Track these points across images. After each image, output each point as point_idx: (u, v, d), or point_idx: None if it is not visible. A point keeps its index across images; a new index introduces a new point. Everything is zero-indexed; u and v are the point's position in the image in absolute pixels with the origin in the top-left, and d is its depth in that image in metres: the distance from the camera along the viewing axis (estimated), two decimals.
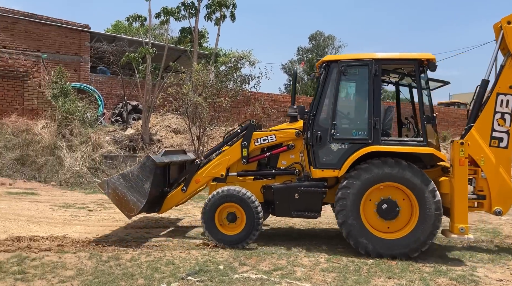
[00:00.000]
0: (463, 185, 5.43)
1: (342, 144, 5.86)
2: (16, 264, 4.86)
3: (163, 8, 13.98)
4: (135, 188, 6.20)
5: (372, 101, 5.77)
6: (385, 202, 5.59)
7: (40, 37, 16.90)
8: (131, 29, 29.40)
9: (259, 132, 6.58)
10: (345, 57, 6.10)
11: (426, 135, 5.67)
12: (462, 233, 5.37)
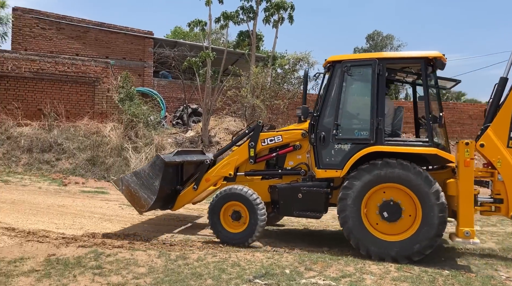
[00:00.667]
0: (468, 187, 5.23)
1: (345, 144, 5.86)
2: (93, 259, 5.13)
3: (223, 12, 14.26)
4: (146, 185, 6.49)
5: (376, 101, 5.70)
6: (387, 204, 5.50)
7: (108, 44, 17.95)
8: (190, 35, 30.40)
9: (266, 133, 6.70)
10: (349, 57, 6.07)
11: (432, 135, 5.52)
12: (467, 237, 5.16)
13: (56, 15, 17.36)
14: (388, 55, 6.03)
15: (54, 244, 5.67)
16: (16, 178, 10.96)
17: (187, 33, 31.13)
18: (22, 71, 13.48)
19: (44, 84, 13.77)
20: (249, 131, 6.83)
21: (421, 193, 5.32)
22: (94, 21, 17.84)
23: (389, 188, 5.51)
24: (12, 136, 12.65)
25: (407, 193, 5.43)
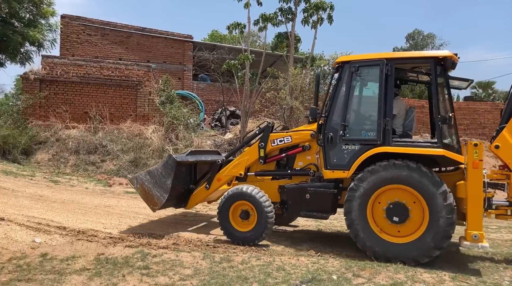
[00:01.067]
0: (477, 189, 5.09)
1: (353, 145, 5.85)
2: (140, 259, 5.22)
3: (262, 14, 14.27)
4: (159, 184, 6.70)
5: (383, 101, 5.66)
6: (394, 205, 5.43)
7: (149, 48, 18.42)
8: (226, 38, 30.72)
9: (275, 133, 6.78)
10: (358, 57, 6.02)
11: (441, 136, 5.43)
12: (476, 240, 5.02)
13: (101, 22, 18.02)
14: (396, 55, 6.03)
15: (103, 243, 5.83)
16: (65, 178, 11.42)
17: (224, 37, 31.52)
18: (70, 76, 14.07)
19: (90, 88, 14.30)
20: (259, 132, 6.88)
21: (427, 194, 5.23)
22: (136, 27, 18.38)
23: (396, 190, 5.44)
24: (60, 138, 13.21)
25: (414, 195, 5.34)
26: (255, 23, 14.44)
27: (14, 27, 14.31)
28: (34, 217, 6.88)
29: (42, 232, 6.10)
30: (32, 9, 14.83)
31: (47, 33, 15.32)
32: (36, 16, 15.03)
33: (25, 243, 5.57)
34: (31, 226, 6.29)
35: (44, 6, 14.99)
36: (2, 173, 10.91)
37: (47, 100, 13.85)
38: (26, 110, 13.52)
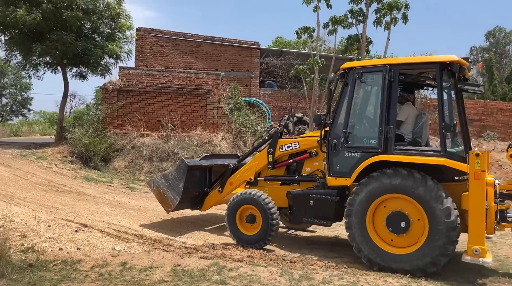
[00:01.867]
0: (479, 201, 4.88)
1: (355, 152, 5.81)
2: (217, 273, 5.05)
3: (332, 17, 13.81)
4: (172, 187, 7.11)
5: (386, 108, 5.54)
6: (394, 215, 5.35)
7: (218, 57, 18.73)
8: (291, 44, 30.51)
9: (284, 139, 6.89)
10: (362, 63, 6.02)
11: (445, 144, 5.29)
12: (476, 255, 4.83)
13: (172, 33, 18.69)
14: (400, 60, 5.92)
15: (178, 253, 5.77)
16: (140, 185, 11.80)
17: (288, 43, 31.36)
18: (144, 85, 14.65)
19: (162, 97, 14.78)
20: (268, 138, 7.01)
21: (429, 207, 5.10)
22: (205, 36, 18.80)
23: (397, 199, 5.35)
24: (136, 146, 13.76)
25: (414, 205, 5.22)
26: (325, 26, 14.02)
27: (95, 41, 15.23)
28: (114, 224, 7.05)
29: (121, 240, 6.19)
30: (111, 23, 15.71)
31: (123, 45, 16.10)
32: (114, 30, 15.89)
33: (106, 250, 5.67)
34: (111, 233, 6.42)
35: (122, 20, 15.79)
36: (85, 179, 11.55)
37: (123, 109, 14.54)
38: (105, 120, 14.29)
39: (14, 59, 15.92)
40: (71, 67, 16.36)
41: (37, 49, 14.09)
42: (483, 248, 4.85)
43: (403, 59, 6.13)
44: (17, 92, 39.04)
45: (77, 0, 13.97)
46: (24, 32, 14.42)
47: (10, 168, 11.02)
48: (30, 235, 5.67)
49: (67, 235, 5.95)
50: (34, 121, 40.01)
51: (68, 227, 6.27)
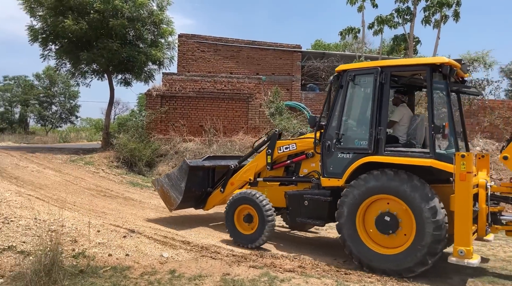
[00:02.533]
0: (464, 203, 4.86)
1: (347, 154, 5.90)
2: (268, 284, 4.81)
3: (378, 17, 13.31)
4: (175, 187, 7.37)
5: (376, 110, 5.59)
6: (384, 215, 5.39)
7: (258, 61, 18.60)
8: (330, 47, 29.94)
9: (282, 141, 7.04)
10: (355, 65, 6.14)
11: (434, 146, 5.30)
12: (462, 256, 4.82)
13: (214, 38, 18.77)
14: (391, 63, 5.99)
15: (226, 261, 5.59)
16: None
17: (327, 46, 30.81)
18: (187, 91, 14.73)
19: (204, 102, 14.80)
20: (267, 139, 7.16)
21: (416, 207, 5.11)
22: (246, 40, 18.74)
23: (385, 199, 5.41)
24: (179, 151, 13.82)
25: (402, 205, 5.25)
26: (370, 26, 13.54)
27: (139, 48, 15.53)
28: (160, 229, 6.98)
29: (168, 246, 6.09)
30: (153, 30, 15.98)
31: (166, 51, 16.32)
32: (157, 36, 16.16)
33: (154, 257, 5.57)
34: (158, 239, 6.34)
35: (164, 26, 16.03)
36: (130, 184, 11.69)
37: (167, 115, 14.68)
38: (149, 125, 14.47)
39: (63, 67, 16.54)
40: (116, 74, 16.78)
41: (84, 57, 14.54)
42: (468, 249, 4.82)
43: (394, 61, 6.24)
44: (65, 100, 40.83)
45: (122, 9, 14.28)
46: (72, 41, 14.93)
47: (61, 173, 11.35)
48: (81, 240, 5.68)
49: (115, 240, 5.92)
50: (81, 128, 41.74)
51: (117, 233, 6.25)
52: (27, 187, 8.47)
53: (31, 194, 7.80)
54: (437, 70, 5.48)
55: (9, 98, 38.29)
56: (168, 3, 16.11)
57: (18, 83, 39.13)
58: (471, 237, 4.93)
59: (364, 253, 5.47)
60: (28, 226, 5.72)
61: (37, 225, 5.82)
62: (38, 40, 15.16)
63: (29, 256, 4.88)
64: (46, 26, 14.85)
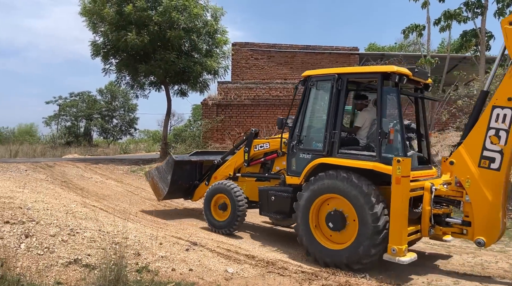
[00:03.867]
0: (399, 204, 5.17)
1: (307, 154, 6.31)
2: None
3: (445, 12, 12.32)
4: (163, 179, 8.16)
5: (333, 115, 5.98)
6: (333, 213, 5.79)
7: (314, 66, 18.07)
8: (385, 50, 28.71)
9: (258, 140, 7.61)
10: (317, 72, 6.54)
11: (380, 150, 5.63)
12: (394, 254, 5.19)
13: (267, 45, 18.56)
14: (347, 70, 6.44)
15: (296, 279, 5.13)
16: None
17: (382, 49, 29.59)
18: (242, 99, 14.57)
19: (260, 110, 14.55)
20: (245, 138, 7.78)
21: (357, 204, 5.49)
22: (300, 46, 18.34)
23: (336, 199, 5.80)
24: None
25: (349, 206, 5.61)
26: (436, 22, 12.57)
27: (194, 59, 15.65)
28: (223, 242, 6.67)
29: (232, 261, 5.74)
30: (208, 40, 16.06)
31: (221, 61, 16.32)
32: (211, 46, 16.22)
33: (219, 272, 5.24)
34: (222, 252, 6.02)
35: (218, 36, 16.06)
36: None
37: (222, 123, 14.59)
38: (206, 134, 14.46)
39: (123, 80, 17.07)
40: (172, 85, 17.03)
41: (142, 70, 14.87)
42: (400, 247, 5.16)
43: (350, 69, 6.87)
44: (125, 113, 42.69)
45: (178, 20, 14.45)
46: (131, 54, 15.35)
47: (122, 183, 11.52)
48: (144, 253, 5.49)
49: (178, 254, 5.67)
50: (139, 139, 43.35)
51: (179, 245, 6.02)
52: (91, 198, 8.57)
53: (95, 204, 7.84)
54: (388, 78, 5.73)
55: (75, 113, 40.63)
56: (222, 13, 16.14)
57: (82, 99, 41.47)
58: (405, 237, 5.26)
59: (313, 246, 5.93)
60: (93, 238, 5.63)
61: (101, 237, 5.72)
62: (100, 55, 15.75)
63: (94, 270, 4.74)
64: (107, 41, 15.41)
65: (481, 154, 5.33)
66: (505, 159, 5.14)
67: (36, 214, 5.94)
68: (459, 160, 5.49)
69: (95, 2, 14.94)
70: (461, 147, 5.54)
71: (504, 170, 5.17)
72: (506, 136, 5.12)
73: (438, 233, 5.74)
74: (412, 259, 5.32)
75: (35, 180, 8.95)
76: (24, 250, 4.79)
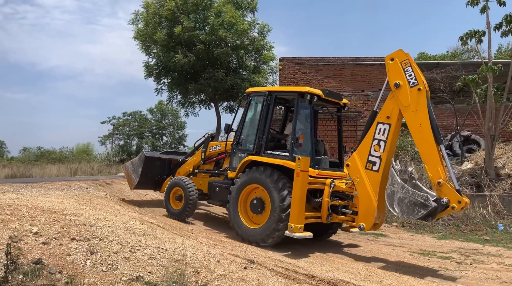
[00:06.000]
0: (298, 192, 6.66)
1: (243, 153, 7.91)
2: None
3: (506, 15, 11.58)
4: (135, 171, 9.80)
5: (262, 123, 7.66)
6: (255, 200, 7.37)
7: (363, 77, 17.66)
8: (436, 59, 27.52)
9: (213, 142, 9.20)
10: (255, 89, 8.38)
11: (292, 151, 7.22)
12: (291, 230, 6.70)
13: (315, 59, 18.39)
14: (274, 89, 8.31)
15: None
16: None
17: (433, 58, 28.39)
18: None
19: None
20: (203, 141, 9.40)
21: (271, 193, 7.06)
22: (349, 57, 17.99)
23: (258, 188, 7.36)
24: None
25: (265, 192, 7.20)
26: (497, 27, 11.84)
27: (242, 75, 15.84)
28: (280, 260, 6.49)
29: (292, 280, 5.54)
30: (255, 56, 16.21)
31: (268, 76, 16.38)
32: (259, 62, 16.35)
33: None
34: (280, 271, 5.83)
35: (265, 52, 16.16)
36: None
37: None
38: None
39: (175, 98, 17.56)
40: (221, 102, 17.27)
41: (192, 88, 15.21)
42: (296, 226, 6.63)
43: (277, 88, 8.95)
44: (174, 131, 44.01)
45: (226, 38, 14.72)
46: (182, 74, 15.80)
47: None
48: (203, 271, 5.43)
49: (236, 272, 5.56)
50: None
51: (236, 263, 5.92)
52: (148, 214, 8.72)
53: (152, 221, 7.95)
54: (303, 96, 7.33)
55: (128, 132, 42.45)
56: (268, 29, 16.27)
57: (134, 118, 43.32)
58: (301, 218, 6.77)
59: (239, 227, 7.45)
60: (153, 255, 5.67)
61: (161, 254, 5.75)
62: (153, 75, 16.36)
63: None
64: (159, 62, 15.99)
65: (367, 159, 6.76)
66: (383, 163, 6.65)
67: (99, 231, 6.09)
68: (353, 163, 6.92)
69: (147, 26, 15.60)
70: (355, 153, 6.97)
71: (381, 171, 6.65)
72: (384, 145, 6.67)
73: (335, 220, 7.21)
74: (306, 236, 6.79)
75: (96, 198, 9.28)
76: (90, 267, 4.88)
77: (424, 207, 6.02)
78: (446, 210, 6.10)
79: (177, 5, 15.05)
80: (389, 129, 6.65)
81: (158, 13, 15.29)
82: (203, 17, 15.20)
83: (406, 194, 6.19)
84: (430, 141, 6.27)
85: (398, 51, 6.72)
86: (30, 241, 5.18)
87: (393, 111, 6.68)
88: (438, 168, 6.21)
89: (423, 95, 6.39)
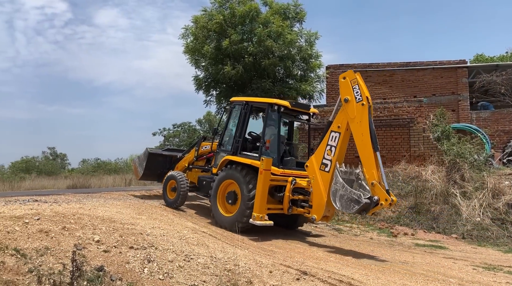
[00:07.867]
0: (260, 187, 8.01)
1: (224, 153, 9.24)
2: None
3: None
4: (141, 164, 11.43)
5: (239, 128, 9.02)
6: (230, 192, 8.68)
7: (415, 83, 17.05)
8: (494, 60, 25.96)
9: (205, 142, 10.78)
10: (237, 99, 9.72)
11: (261, 152, 8.44)
12: (253, 218, 8.04)
13: (363, 65, 18.02)
14: (250, 99, 9.37)
15: None
16: (346, 226, 11.03)
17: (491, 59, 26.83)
18: None
19: None
20: (197, 141, 11.00)
21: (241, 188, 8.40)
22: (400, 63, 17.47)
23: (233, 183, 8.66)
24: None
25: (238, 186, 8.51)
26: None
27: (289, 85, 15.78)
28: (333, 272, 6.33)
29: None
30: (303, 65, 16.11)
31: (315, 84, 16.20)
32: (306, 71, 16.23)
33: None
34: (333, 283, 5.70)
35: (312, 61, 16.04)
36: None
37: None
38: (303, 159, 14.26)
39: (223, 110, 17.83)
40: None
41: None
42: (258, 215, 8.02)
43: (253, 98, 9.52)
44: None
45: (273, 48, 14.80)
46: (230, 85, 16.03)
47: None
48: (255, 281, 5.43)
49: (289, 283, 5.52)
50: None
51: (289, 274, 5.87)
52: (199, 224, 8.88)
53: (205, 230, 8.09)
54: (273, 106, 8.66)
55: (177, 143, 43.65)
56: (316, 37, 16.15)
57: (184, 129, 44.49)
58: (263, 209, 8.11)
59: (217, 216, 8.76)
60: (206, 264, 5.76)
61: (214, 263, 5.82)
62: (202, 88, 16.75)
63: None
64: (208, 75, 16.35)
65: (321, 161, 7.96)
66: (332, 165, 7.81)
67: (154, 240, 6.29)
68: (310, 164, 8.14)
69: (196, 40, 16.05)
70: (313, 156, 8.18)
71: (331, 172, 7.77)
72: (334, 150, 7.87)
73: (295, 212, 8.49)
74: (265, 224, 8.24)
75: (150, 207, 9.60)
76: (147, 275, 5.05)
77: (357, 203, 7.23)
78: (377, 207, 7.31)
79: (224, 18, 15.36)
80: (339, 137, 7.87)
81: (207, 27, 15.67)
82: (250, 29, 15.38)
83: (345, 192, 7.38)
84: (369, 148, 7.46)
85: (349, 72, 7.81)
86: (92, 248, 5.45)
87: (343, 122, 7.81)
88: (374, 171, 7.35)
89: (365, 110, 7.53)
